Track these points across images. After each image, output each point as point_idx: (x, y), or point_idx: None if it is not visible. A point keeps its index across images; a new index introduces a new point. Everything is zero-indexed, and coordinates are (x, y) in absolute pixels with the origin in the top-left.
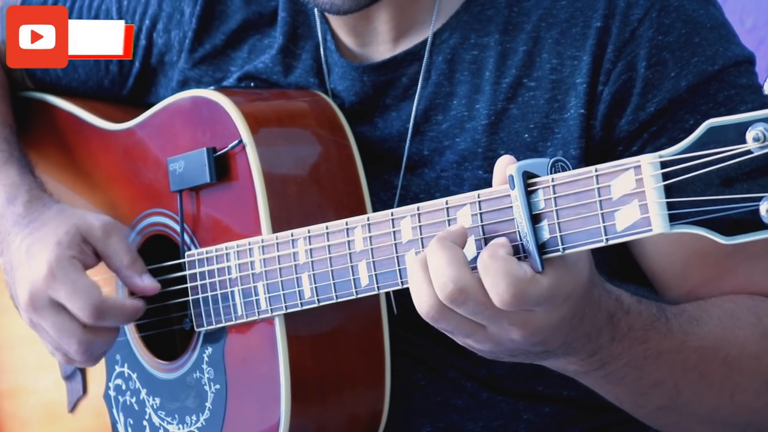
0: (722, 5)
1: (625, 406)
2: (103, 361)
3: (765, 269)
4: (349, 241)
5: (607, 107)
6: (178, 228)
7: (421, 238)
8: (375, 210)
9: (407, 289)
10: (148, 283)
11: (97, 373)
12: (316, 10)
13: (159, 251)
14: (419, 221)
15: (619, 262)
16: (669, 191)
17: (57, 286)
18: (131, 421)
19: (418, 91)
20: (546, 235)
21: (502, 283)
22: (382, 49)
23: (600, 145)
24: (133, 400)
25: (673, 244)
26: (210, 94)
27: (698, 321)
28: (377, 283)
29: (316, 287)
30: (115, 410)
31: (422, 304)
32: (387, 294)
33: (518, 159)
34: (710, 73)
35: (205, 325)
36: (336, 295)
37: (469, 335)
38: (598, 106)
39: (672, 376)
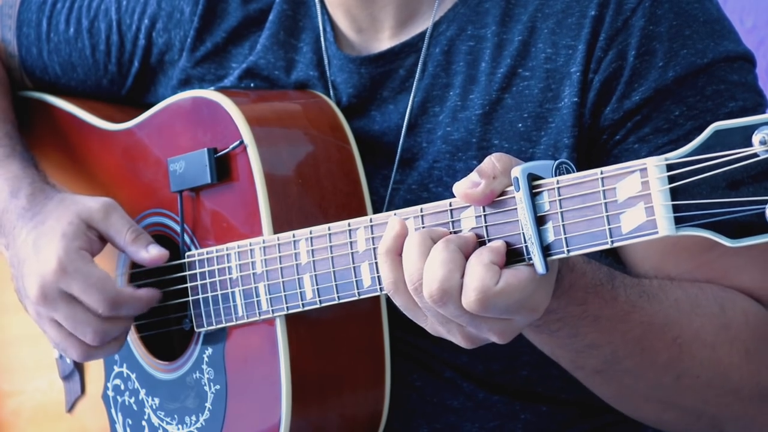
0: (722, 5)
1: (563, 363)
2: (101, 361)
3: (743, 265)
4: (351, 242)
5: (596, 95)
6: (178, 228)
7: None
8: (374, 208)
9: None
10: (154, 253)
11: (95, 373)
12: (317, 0)
13: None
14: (422, 223)
15: (600, 253)
16: (675, 194)
17: (69, 280)
18: (130, 421)
19: (414, 83)
20: (551, 237)
21: (471, 288)
22: (381, 37)
23: (588, 132)
24: (132, 400)
25: None
26: (210, 94)
27: (651, 297)
28: (380, 284)
29: (318, 288)
30: (113, 410)
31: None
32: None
33: (512, 148)
34: (699, 65)
35: (205, 325)
36: (338, 296)
37: (443, 324)
38: (588, 94)
39: (610, 343)
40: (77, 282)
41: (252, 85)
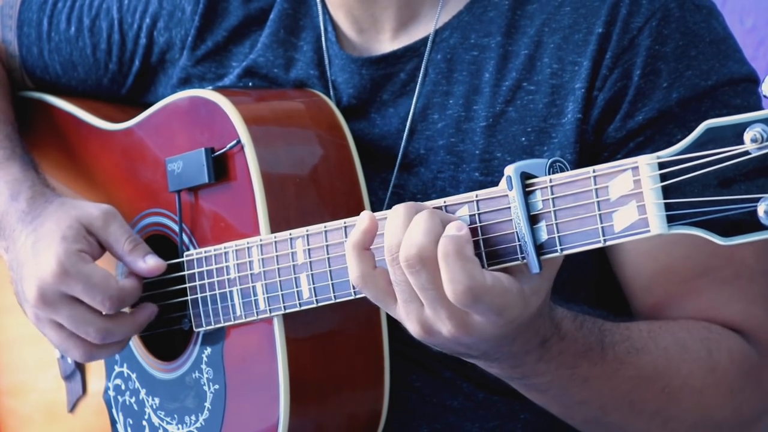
0: (722, 5)
1: (553, 412)
2: (102, 362)
3: (729, 297)
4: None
5: (600, 112)
6: (177, 228)
7: None
8: (373, 209)
9: None
10: (152, 263)
11: (96, 373)
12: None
13: (158, 251)
14: None
15: (601, 270)
16: (667, 192)
17: (71, 281)
18: (131, 421)
19: (416, 89)
20: (544, 235)
21: (463, 283)
22: (382, 39)
23: (590, 149)
24: (133, 400)
25: (643, 255)
26: (208, 94)
27: (639, 351)
28: None
29: (314, 288)
30: (114, 410)
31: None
32: None
33: (514, 161)
34: (703, 88)
35: (204, 325)
36: (334, 296)
37: (406, 302)
38: (592, 111)
39: (599, 399)
40: (80, 283)
41: (251, 83)
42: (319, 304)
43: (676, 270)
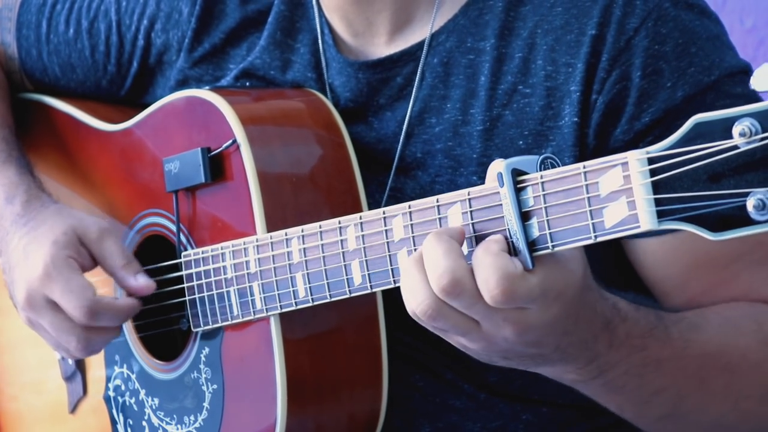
0: (722, 5)
1: (627, 415)
2: (102, 362)
3: (765, 276)
4: (341, 240)
5: (601, 116)
6: (174, 228)
7: (413, 237)
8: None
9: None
10: (142, 282)
11: (96, 374)
12: (315, 2)
13: (157, 251)
14: (410, 219)
15: (619, 273)
16: (657, 187)
17: (52, 285)
18: (131, 422)
19: (413, 92)
20: (536, 232)
21: (493, 279)
22: (378, 42)
23: (594, 153)
24: (133, 400)
25: (671, 253)
26: (204, 93)
27: (698, 328)
28: (370, 282)
29: (310, 287)
30: (114, 411)
31: (419, 304)
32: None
33: None
34: (707, 83)
35: (201, 325)
36: (330, 294)
37: (464, 333)
38: (592, 115)
39: (674, 384)
40: (58, 287)
41: (248, 84)
42: (315, 303)
43: (707, 262)
